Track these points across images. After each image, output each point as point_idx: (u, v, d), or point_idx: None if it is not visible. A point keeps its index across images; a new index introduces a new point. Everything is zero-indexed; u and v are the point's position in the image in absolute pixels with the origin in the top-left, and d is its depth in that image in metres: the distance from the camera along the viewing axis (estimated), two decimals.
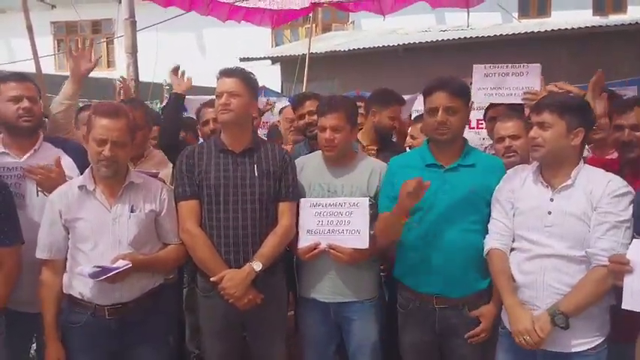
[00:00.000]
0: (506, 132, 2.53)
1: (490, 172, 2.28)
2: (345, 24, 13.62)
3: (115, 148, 2.13)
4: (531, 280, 2.03)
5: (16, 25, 5.20)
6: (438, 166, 2.30)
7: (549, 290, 1.99)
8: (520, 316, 2.01)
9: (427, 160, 2.32)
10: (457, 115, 2.24)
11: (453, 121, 2.23)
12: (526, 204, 2.09)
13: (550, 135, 2.01)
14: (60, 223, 2.18)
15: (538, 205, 2.06)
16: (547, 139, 2.02)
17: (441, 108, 2.22)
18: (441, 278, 2.25)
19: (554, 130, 2.01)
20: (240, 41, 10.50)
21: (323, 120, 2.47)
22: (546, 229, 2.02)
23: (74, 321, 2.18)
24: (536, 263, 2.03)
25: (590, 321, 1.99)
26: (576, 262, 1.98)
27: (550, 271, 2.00)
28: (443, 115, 2.22)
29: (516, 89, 3.06)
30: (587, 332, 1.99)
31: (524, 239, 2.09)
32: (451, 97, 2.22)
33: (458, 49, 9.38)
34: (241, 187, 2.34)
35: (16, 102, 2.35)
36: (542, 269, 2.02)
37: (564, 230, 1.99)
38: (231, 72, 2.39)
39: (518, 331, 2.00)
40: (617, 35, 9.12)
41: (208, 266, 2.32)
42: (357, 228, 2.37)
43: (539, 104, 2.11)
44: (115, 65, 13.42)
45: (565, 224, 1.99)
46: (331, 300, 2.47)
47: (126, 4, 5.91)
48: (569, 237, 1.98)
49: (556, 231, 2.00)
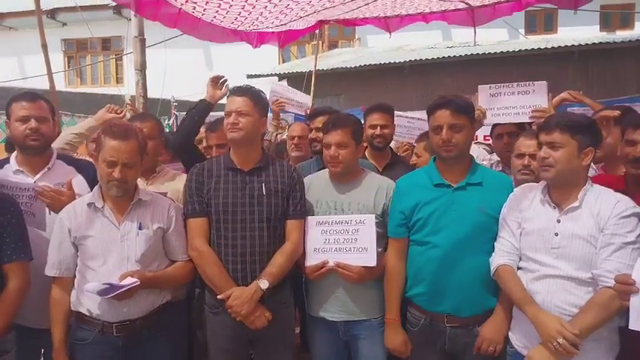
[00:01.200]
0: (528, 150, 2.51)
1: (498, 190, 2.27)
2: (351, 41, 13.74)
3: (125, 170, 2.15)
4: (538, 300, 2.01)
5: (28, 42, 5.31)
6: (446, 186, 2.30)
7: (556, 311, 1.97)
8: (547, 321, 1.94)
9: (434, 179, 2.32)
10: (462, 133, 2.25)
11: (458, 138, 2.24)
12: (533, 225, 2.08)
13: (561, 155, 1.99)
14: (69, 240, 2.20)
15: (545, 227, 2.04)
16: (558, 160, 2.00)
17: (445, 125, 2.23)
18: (452, 297, 2.24)
19: (566, 151, 1.99)
20: (248, 58, 10.57)
21: (328, 137, 2.48)
22: (553, 251, 2.00)
23: (82, 338, 2.19)
24: (543, 284, 2.02)
25: (600, 343, 1.96)
26: (583, 283, 1.96)
27: (557, 293, 1.98)
28: (447, 132, 2.23)
29: (523, 108, 3.05)
30: (597, 354, 1.96)
31: (531, 260, 2.07)
32: (455, 114, 2.23)
33: (464, 66, 9.43)
34: (249, 206, 2.35)
35: (24, 122, 2.37)
36: (549, 290, 2.00)
37: (571, 252, 1.97)
38: (241, 91, 2.41)
39: (550, 335, 1.91)
40: (624, 51, 9.14)
41: (216, 284, 2.32)
42: (364, 245, 2.37)
43: (549, 123, 2.07)
44: (124, 82, 13.58)
45: (572, 246, 1.97)
46: (339, 319, 2.47)
47: (135, 22, 6.02)
48: (575, 259, 1.96)
49: (563, 253, 1.98)
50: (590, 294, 1.94)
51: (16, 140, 2.40)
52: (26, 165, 2.43)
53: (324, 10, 4.72)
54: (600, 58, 9.10)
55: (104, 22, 13.13)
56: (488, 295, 2.24)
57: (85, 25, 8.15)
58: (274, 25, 4.87)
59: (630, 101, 5.43)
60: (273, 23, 4.81)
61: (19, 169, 2.42)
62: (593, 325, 1.90)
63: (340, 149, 2.45)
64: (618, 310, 1.89)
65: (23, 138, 2.37)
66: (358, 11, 5.01)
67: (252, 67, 10.94)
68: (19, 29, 13.83)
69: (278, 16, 4.56)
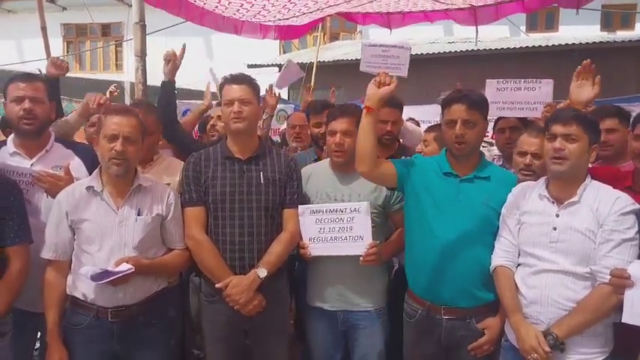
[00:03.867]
0: (530, 148, 2.46)
1: (504, 186, 2.26)
2: (352, 33, 13.70)
3: (126, 144, 2.13)
4: (536, 295, 2.02)
5: (27, 25, 5.27)
6: (454, 176, 2.30)
7: (554, 306, 1.98)
8: (526, 334, 2.00)
9: (444, 168, 2.32)
10: (475, 129, 2.23)
11: (470, 134, 2.23)
12: (532, 219, 2.09)
13: (576, 148, 1.99)
14: (66, 223, 2.18)
15: (544, 221, 2.05)
16: (573, 152, 1.99)
17: (460, 121, 2.22)
18: (450, 286, 2.25)
19: (581, 144, 1.99)
20: (248, 47, 10.55)
21: (334, 124, 2.48)
22: (551, 245, 2.01)
23: (76, 322, 2.18)
24: (542, 278, 2.03)
25: (595, 338, 1.97)
26: (581, 278, 1.97)
27: (555, 287, 1.99)
28: (461, 128, 2.22)
29: (528, 103, 3.11)
30: (592, 348, 1.98)
31: (529, 255, 2.08)
32: (470, 110, 2.22)
33: (465, 61, 9.42)
34: (247, 194, 2.34)
35: (18, 102, 2.30)
36: (547, 285, 2.01)
37: (569, 246, 1.98)
38: (238, 79, 2.39)
39: (525, 349, 1.99)
40: (624, 51, 9.14)
41: (213, 273, 2.32)
42: (360, 234, 2.38)
43: (565, 115, 2.04)
44: (124, 68, 13.51)
45: (570, 240, 1.98)
46: (338, 308, 2.48)
47: (136, 9, 5.96)
48: (574, 253, 1.97)
49: (561, 247, 1.99)
50: (587, 289, 1.95)
51: (11, 122, 2.36)
52: (23, 147, 2.39)
53: (328, 8, 4.71)
54: (600, 58, 9.02)
55: (104, 7, 13.03)
56: (486, 287, 2.25)
57: (85, 10, 8.10)
58: (277, 18, 4.86)
59: (629, 101, 5.45)
60: (275, 17, 4.79)
61: (15, 151, 2.38)
62: (585, 323, 1.93)
63: (346, 137, 2.44)
64: (612, 309, 1.90)
65: (17, 120, 2.31)
66: (361, 8, 5.01)
67: (253, 57, 10.91)
68: (18, 12, 13.72)
69: (281, 10, 4.55)
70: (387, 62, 3.91)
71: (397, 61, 3.90)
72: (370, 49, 3.83)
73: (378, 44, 4.04)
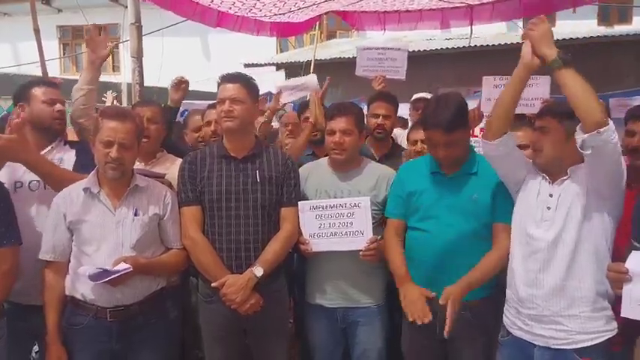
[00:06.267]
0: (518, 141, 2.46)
1: (492, 178, 2.27)
2: (349, 31, 13.67)
3: (122, 150, 2.14)
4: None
5: (23, 28, 5.25)
6: (442, 174, 2.32)
7: None
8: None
9: (432, 168, 2.34)
10: (457, 146, 2.21)
11: (453, 152, 2.22)
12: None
13: (548, 139, 2.06)
14: (64, 225, 2.19)
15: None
16: (545, 144, 2.06)
17: (441, 145, 2.20)
18: (445, 284, 2.24)
19: (553, 135, 2.05)
20: (245, 47, 10.54)
21: (332, 123, 2.48)
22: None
23: (76, 323, 2.18)
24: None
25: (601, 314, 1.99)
26: None
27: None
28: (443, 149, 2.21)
29: (525, 99, 3.09)
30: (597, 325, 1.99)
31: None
32: (447, 133, 2.17)
33: (462, 58, 9.41)
34: (243, 193, 2.34)
35: (50, 104, 2.46)
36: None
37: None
38: (232, 78, 2.39)
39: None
40: (622, 46, 9.14)
41: (210, 272, 2.32)
42: (360, 229, 2.38)
43: (541, 110, 2.16)
44: (120, 70, 13.49)
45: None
46: (338, 305, 2.48)
47: (132, 9, 5.95)
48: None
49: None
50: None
51: (43, 121, 2.44)
52: (35, 142, 2.42)
53: (323, 3, 4.69)
54: (598, 52, 9.08)
55: (100, 9, 13.00)
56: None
57: (81, 12, 8.07)
58: (272, 13, 4.84)
59: (627, 95, 5.44)
60: (271, 11, 4.77)
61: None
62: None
63: (345, 136, 2.44)
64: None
65: (51, 120, 2.45)
66: (358, 5, 4.99)
67: (250, 56, 10.88)
68: (14, 15, 13.69)
69: (276, 4, 4.53)
70: (384, 65, 3.90)
71: (394, 64, 3.90)
72: (366, 53, 3.82)
73: (374, 47, 4.02)
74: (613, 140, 1.85)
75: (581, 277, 1.99)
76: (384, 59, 3.96)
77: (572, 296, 2.00)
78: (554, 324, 2.02)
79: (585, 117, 1.86)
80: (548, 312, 2.02)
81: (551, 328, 2.02)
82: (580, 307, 1.99)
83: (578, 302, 1.99)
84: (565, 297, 2.01)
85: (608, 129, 1.83)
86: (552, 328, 2.02)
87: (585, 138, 1.85)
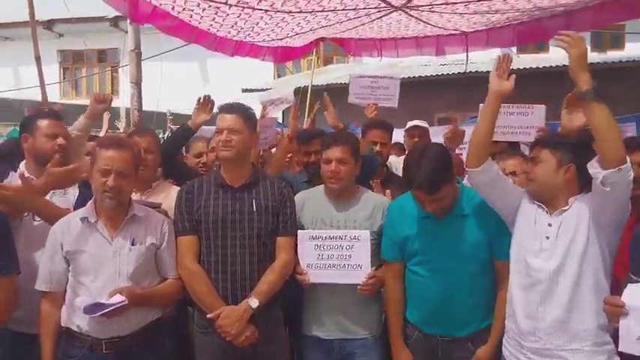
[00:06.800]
0: (509, 169, 2.58)
1: (484, 217, 2.27)
2: (346, 57, 13.83)
3: (119, 179, 2.15)
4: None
5: (24, 52, 5.33)
6: (433, 218, 2.30)
7: None
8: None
9: (422, 212, 2.30)
10: (444, 199, 2.21)
11: (440, 204, 2.21)
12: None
13: (540, 170, 2.08)
14: (61, 254, 2.19)
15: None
16: (537, 174, 2.09)
17: (426, 201, 2.21)
18: (445, 323, 2.27)
19: (545, 166, 2.07)
20: (243, 72, 10.65)
21: (328, 152, 2.49)
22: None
23: (71, 354, 2.16)
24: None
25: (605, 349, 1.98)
26: None
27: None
28: (430, 204, 2.21)
29: (520, 128, 3.13)
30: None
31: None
32: (431, 194, 2.17)
33: (457, 84, 9.50)
34: (239, 223, 2.34)
35: (52, 138, 2.51)
36: None
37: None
38: (230, 108, 2.42)
39: None
40: (615, 72, 9.25)
41: (205, 303, 2.31)
42: (359, 262, 2.38)
43: (536, 140, 2.21)
44: (119, 94, 13.59)
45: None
46: (335, 337, 2.46)
47: (132, 36, 6.04)
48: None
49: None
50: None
51: (45, 154, 2.49)
52: (36, 174, 2.46)
53: (320, 29, 4.76)
54: (592, 78, 9.22)
55: (101, 34, 13.18)
56: (481, 316, 2.27)
57: (82, 37, 8.18)
58: (270, 38, 4.90)
59: (622, 122, 5.50)
60: (269, 36, 4.83)
61: (29, 176, 2.44)
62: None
63: (341, 165, 2.45)
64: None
65: (52, 153, 2.48)
66: (354, 32, 5.06)
67: (248, 82, 10.99)
68: (16, 39, 13.83)
69: (274, 29, 4.59)
70: (377, 93, 3.93)
71: (387, 92, 3.93)
72: (359, 81, 3.86)
73: (367, 75, 4.07)
74: (630, 177, 1.89)
75: (583, 310, 1.99)
76: (377, 87, 4.00)
77: (574, 329, 1.99)
78: (557, 358, 2.00)
79: (609, 153, 1.88)
80: (551, 345, 2.01)
81: None
82: (582, 341, 1.98)
83: (581, 336, 1.98)
84: (567, 330, 1.99)
85: (627, 166, 1.86)
86: None
87: (607, 174, 1.87)
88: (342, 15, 4.24)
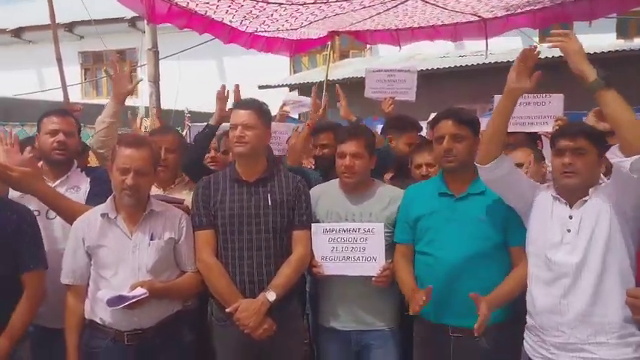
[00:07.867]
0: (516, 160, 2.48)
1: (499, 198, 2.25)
2: (362, 50, 13.77)
3: (137, 177, 2.19)
4: None
5: (47, 55, 5.42)
6: (450, 195, 2.32)
7: None
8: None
9: (440, 188, 2.35)
10: (464, 143, 2.26)
11: (459, 149, 2.26)
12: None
13: (586, 161, 1.98)
14: (83, 249, 2.25)
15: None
16: (582, 166, 1.98)
17: (447, 136, 2.26)
18: (456, 308, 2.23)
19: (590, 158, 1.99)
20: (260, 69, 10.68)
21: (343, 146, 2.49)
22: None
23: (95, 346, 2.22)
24: None
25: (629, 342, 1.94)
26: None
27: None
28: (449, 142, 2.25)
29: (537, 118, 3.07)
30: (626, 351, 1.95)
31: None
32: (457, 125, 2.26)
33: (476, 75, 9.37)
34: (255, 217, 2.36)
35: (52, 135, 2.49)
36: None
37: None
38: (245, 104, 2.45)
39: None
40: None
41: (223, 296, 2.34)
42: (373, 255, 2.38)
43: (572, 129, 2.06)
44: (138, 93, 13.78)
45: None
46: (352, 328, 2.46)
47: (149, 35, 6.12)
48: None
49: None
50: None
51: (44, 152, 2.52)
52: (49, 174, 2.53)
53: (335, 17, 4.73)
54: (617, 66, 8.95)
55: (119, 34, 13.32)
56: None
57: (101, 39, 8.31)
58: (284, 27, 4.90)
59: None
60: (283, 26, 4.82)
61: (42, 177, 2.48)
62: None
63: (355, 159, 2.46)
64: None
65: (50, 150, 2.49)
66: (370, 21, 5.03)
67: (264, 78, 11.01)
68: (38, 42, 14.10)
69: (288, 19, 4.59)
70: (393, 87, 3.90)
71: (404, 85, 3.89)
72: (375, 75, 3.82)
73: (383, 69, 4.03)
74: None
75: (608, 303, 1.94)
76: (394, 81, 3.96)
77: (599, 322, 1.94)
78: (581, 352, 1.96)
79: (631, 140, 1.82)
80: (575, 339, 1.96)
81: (579, 357, 1.96)
82: (608, 334, 1.93)
83: (606, 329, 1.93)
84: (592, 324, 1.95)
85: None
86: (580, 356, 1.96)
87: (633, 161, 1.80)
88: (357, 3, 4.21)
